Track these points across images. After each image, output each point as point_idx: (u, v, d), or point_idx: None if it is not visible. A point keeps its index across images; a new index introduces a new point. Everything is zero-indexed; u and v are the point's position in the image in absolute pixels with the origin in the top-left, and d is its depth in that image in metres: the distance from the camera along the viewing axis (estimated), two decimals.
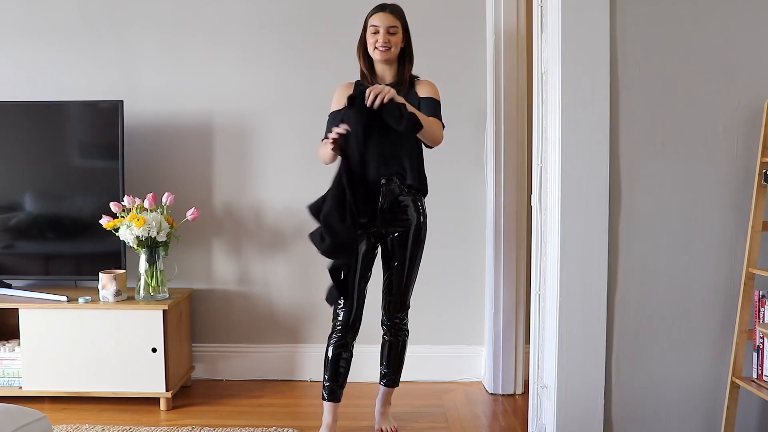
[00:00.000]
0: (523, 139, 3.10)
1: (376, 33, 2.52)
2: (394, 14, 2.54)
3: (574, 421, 2.32)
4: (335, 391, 2.59)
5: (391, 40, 2.52)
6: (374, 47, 2.52)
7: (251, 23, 3.29)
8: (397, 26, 2.53)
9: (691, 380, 2.35)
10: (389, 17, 2.53)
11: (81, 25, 3.30)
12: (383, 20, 2.52)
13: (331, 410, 2.61)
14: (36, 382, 2.93)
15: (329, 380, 2.57)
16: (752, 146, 2.30)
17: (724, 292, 2.34)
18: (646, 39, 2.28)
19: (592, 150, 2.27)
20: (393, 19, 2.53)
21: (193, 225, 3.19)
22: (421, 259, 2.63)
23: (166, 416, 2.89)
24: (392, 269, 2.60)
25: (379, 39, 2.51)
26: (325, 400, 2.60)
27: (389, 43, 2.51)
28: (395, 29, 2.53)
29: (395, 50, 2.54)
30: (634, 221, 2.32)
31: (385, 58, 2.53)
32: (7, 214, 3.15)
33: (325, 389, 2.59)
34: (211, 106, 3.31)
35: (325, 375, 2.58)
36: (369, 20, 2.55)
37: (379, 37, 2.51)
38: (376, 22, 2.52)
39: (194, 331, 3.36)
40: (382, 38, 2.51)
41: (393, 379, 2.75)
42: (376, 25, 2.52)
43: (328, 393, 2.59)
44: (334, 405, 2.60)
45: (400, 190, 2.54)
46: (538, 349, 2.52)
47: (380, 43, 2.51)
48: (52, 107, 3.16)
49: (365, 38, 2.57)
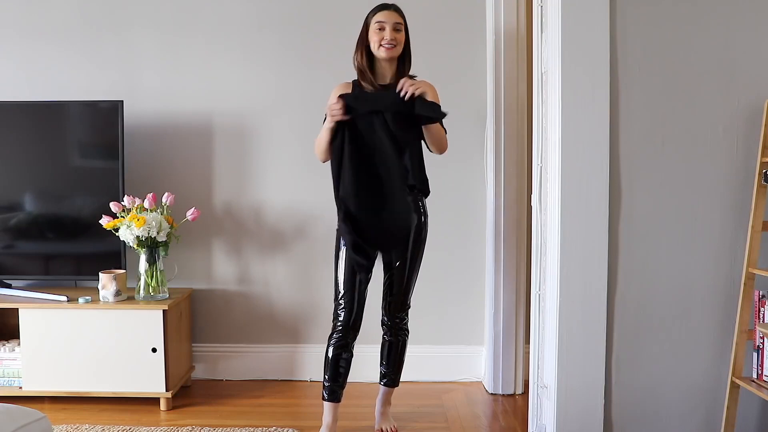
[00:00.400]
0: (523, 139, 3.10)
1: (381, 30, 2.49)
2: (398, 12, 2.54)
3: (574, 421, 2.32)
4: (335, 392, 2.59)
5: (397, 38, 2.50)
6: (379, 44, 2.49)
7: (251, 23, 3.29)
8: (401, 24, 2.53)
9: (691, 380, 2.35)
10: (394, 15, 2.52)
11: (81, 25, 3.30)
12: (389, 17, 2.51)
13: (331, 410, 2.60)
14: (36, 382, 2.93)
15: (329, 380, 2.57)
16: (752, 146, 2.30)
17: (724, 292, 2.34)
18: (646, 39, 2.28)
19: (592, 150, 2.27)
20: (398, 17, 2.53)
21: (193, 225, 3.19)
22: (421, 260, 2.63)
23: (166, 416, 2.89)
24: (393, 269, 2.60)
25: (385, 36, 2.48)
26: (325, 400, 2.60)
27: (395, 40, 2.49)
28: (400, 26, 2.52)
29: (399, 48, 2.52)
30: (634, 221, 2.32)
31: (390, 56, 2.51)
32: (7, 214, 3.15)
33: (325, 389, 2.59)
34: (211, 106, 3.31)
35: (325, 375, 2.58)
36: (373, 18, 2.53)
37: (385, 34, 2.48)
38: (383, 19, 2.50)
39: (194, 331, 3.36)
40: (389, 35, 2.48)
41: (393, 378, 2.75)
42: (382, 22, 2.50)
43: (328, 393, 2.59)
44: (335, 405, 2.60)
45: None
46: (538, 349, 2.52)
47: (386, 40, 2.48)
48: (52, 107, 3.16)
49: (367, 36, 2.54)
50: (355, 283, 2.52)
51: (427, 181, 2.62)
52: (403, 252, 2.58)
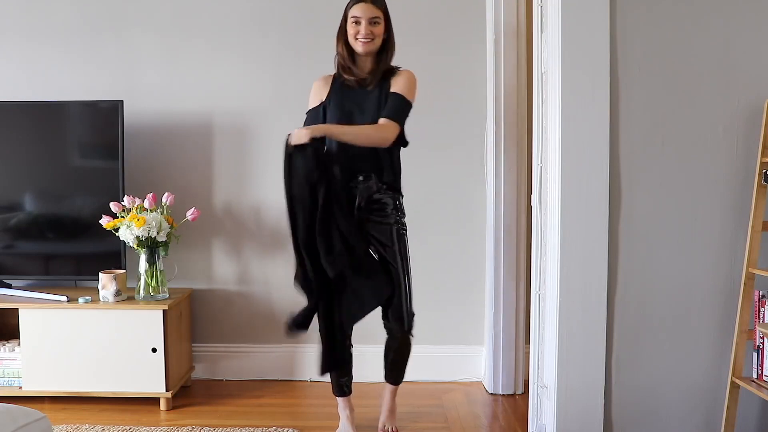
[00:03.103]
0: (523, 139, 3.10)
1: (357, 23, 2.42)
2: (375, 4, 2.44)
3: (574, 421, 2.32)
4: (345, 385, 2.65)
5: (374, 31, 2.43)
6: (355, 38, 2.43)
7: (251, 23, 3.29)
8: (379, 17, 2.44)
9: (691, 380, 2.35)
10: (371, 8, 2.42)
11: (81, 25, 3.30)
12: (365, 11, 2.42)
13: (346, 403, 2.67)
14: (36, 382, 2.93)
15: (335, 377, 2.63)
16: (752, 146, 2.30)
17: (724, 292, 2.34)
18: (646, 39, 2.28)
19: (592, 150, 2.27)
20: (374, 10, 2.43)
21: (193, 225, 3.19)
22: (409, 258, 2.55)
23: (166, 416, 2.89)
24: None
25: (360, 30, 2.41)
26: (336, 395, 2.67)
27: (371, 34, 2.42)
28: (377, 20, 2.43)
29: (378, 41, 2.45)
30: (634, 221, 2.32)
31: (367, 50, 2.45)
32: (7, 214, 3.15)
33: (334, 387, 2.66)
34: (211, 106, 3.31)
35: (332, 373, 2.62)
36: (349, 11, 2.45)
37: (360, 28, 2.41)
38: (358, 13, 2.42)
39: (194, 331, 3.36)
40: (364, 29, 2.41)
41: (397, 379, 2.70)
42: (357, 16, 2.42)
43: (337, 389, 2.66)
44: (348, 398, 2.67)
45: (377, 187, 2.51)
46: (538, 349, 2.52)
47: (362, 35, 2.41)
48: (52, 107, 3.15)
49: (345, 28, 2.47)
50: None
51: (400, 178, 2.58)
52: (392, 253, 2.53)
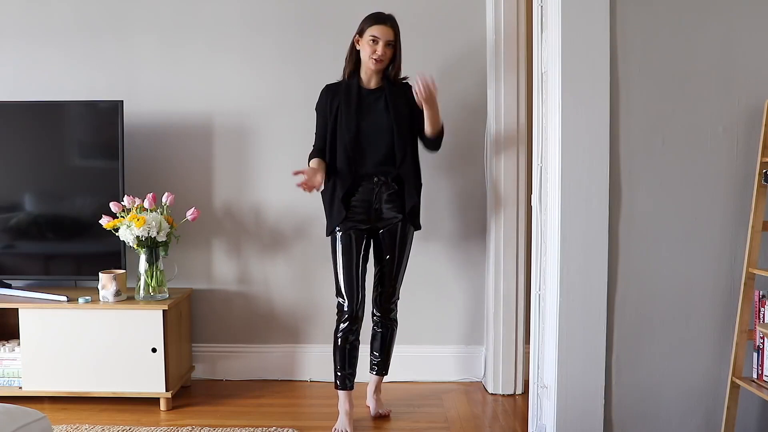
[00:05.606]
0: (523, 139, 3.10)
1: (375, 43, 2.64)
2: (393, 29, 2.67)
3: (574, 421, 2.32)
4: (349, 379, 2.72)
5: (387, 53, 2.65)
6: (370, 56, 2.65)
7: (251, 23, 3.29)
8: (393, 40, 2.67)
9: (691, 380, 2.35)
10: (389, 31, 2.65)
11: (81, 25, 3.30)
12: (384, 33, 2.64)
13: (347, 398, 2.73)
14: (36, 382, 2.93)
15: (342, 369, 2.71)
16: (752, 146, 2.30)
17: (724, 292, 2.34)
18: (646, 39, 2.28)
19: (592, 150, 2.27)
20: (392, 34, 2.66)
21: (193, 225, 3.19)
22: (410, 253, 2.80)
23: (166, 416, 2.89)
24: (384, 263, 2.76)
25: (377, 50, 2.64)
26: (339, 389, 2.73)
27: (384, 56, 2.65)
28: (392, 43, 2.66)
29: (386, 62, 2.68)
30: (634, 221, 2.32)
31: (378, 69, 2.68)
32: (7, 214, 3.15)
33: (338, 379, 2.73)
34: (211, 106, 3.31)
35: (337, 365, 2.72)
36: (368, 29, 2.66)
37: (377, 48, 2.64)
38: (377, 34, 2.64)
39: (194, 331, 3.36)
40: (380, 50, 2.64)
41: (384, 366, 2.90)
42: (376, 36, 2.64)
43: (341, 382, 2.72)
44: (350, 393, 2.74)
45: (393, 187, 2.71)
46: (538, 349, 2.52)
47: (378, 55, 2.64)
48: (52, 107, 3.15)
49: (359, 40, 2.69)
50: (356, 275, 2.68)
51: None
52: (392, 247, 2.76)
